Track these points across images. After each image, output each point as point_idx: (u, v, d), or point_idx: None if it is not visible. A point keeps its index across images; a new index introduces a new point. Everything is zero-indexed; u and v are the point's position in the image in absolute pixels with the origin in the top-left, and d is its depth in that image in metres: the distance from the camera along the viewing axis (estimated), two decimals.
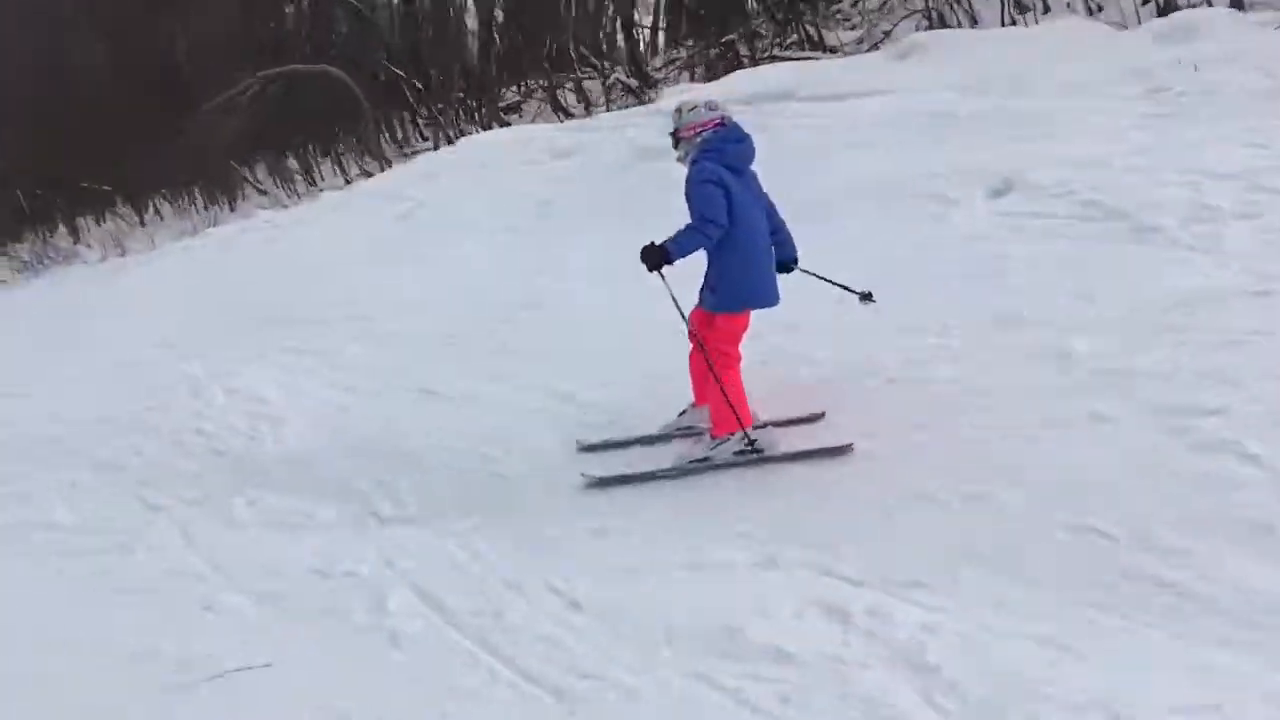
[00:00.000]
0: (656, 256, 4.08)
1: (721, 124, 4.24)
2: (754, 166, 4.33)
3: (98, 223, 18.91)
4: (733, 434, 4.22)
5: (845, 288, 4.64)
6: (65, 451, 6.14)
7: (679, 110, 4.32)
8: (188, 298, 8.91)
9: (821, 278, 4.66)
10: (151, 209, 18.09)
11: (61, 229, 19.64)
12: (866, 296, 4.58)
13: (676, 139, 4.32)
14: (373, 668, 3.53)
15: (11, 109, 18.97)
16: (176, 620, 4.06)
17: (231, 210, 16.28)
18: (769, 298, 4.30)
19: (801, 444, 4.24)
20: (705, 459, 4.26)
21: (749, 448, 4.21)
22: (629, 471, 4.37)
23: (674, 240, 4.09)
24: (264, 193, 16.57)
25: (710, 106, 4.28)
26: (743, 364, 4.37)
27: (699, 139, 4.22)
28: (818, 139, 7.32)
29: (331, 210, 10.49)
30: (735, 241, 4.14)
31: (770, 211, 4.40)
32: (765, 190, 4.41)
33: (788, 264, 4.51)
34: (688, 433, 4.57)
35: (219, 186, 16.28)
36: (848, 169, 6.75)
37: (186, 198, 17.63)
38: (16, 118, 18.98)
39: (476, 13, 15.93)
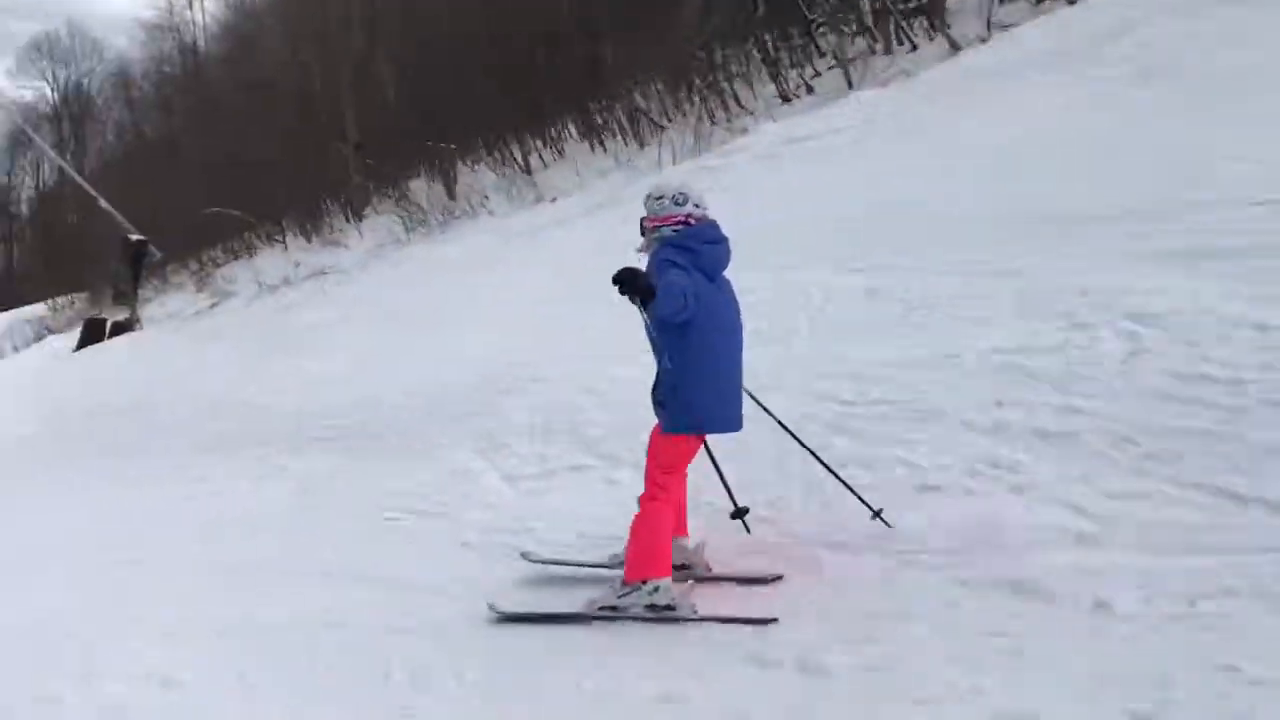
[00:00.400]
0: (643, 289, 3.30)
1: (686, 221, 3.67)
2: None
3: (448, 181, 18.79)
4: (645, 582, 3.63)
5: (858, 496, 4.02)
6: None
7: (648, 196, 3.79)
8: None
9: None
10: (535, 156, 17.83)
11: (412, 187, 19.76)
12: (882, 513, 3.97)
13: (643, 227, 3.80)
14: None
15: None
16: None
17: (641, 146, 15.74)
18: (730, 421, 3.71)
19: (723, 606, 3.62)
20: (613, 608, 3.69)
21: (663, 605, 3.61)
22: (539, 610, 3.86)
23: (660, 291, 3.37)
24: (662, 126, 15.91)
25: (678, 200, 3.69)
26: None
27: (658, 234, 3.69)
28: None
29: (895, 117, 9.67)
30: (700, 346, 3.56)
31: None
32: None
33: None
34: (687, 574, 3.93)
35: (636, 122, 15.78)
36: None
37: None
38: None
39: None
